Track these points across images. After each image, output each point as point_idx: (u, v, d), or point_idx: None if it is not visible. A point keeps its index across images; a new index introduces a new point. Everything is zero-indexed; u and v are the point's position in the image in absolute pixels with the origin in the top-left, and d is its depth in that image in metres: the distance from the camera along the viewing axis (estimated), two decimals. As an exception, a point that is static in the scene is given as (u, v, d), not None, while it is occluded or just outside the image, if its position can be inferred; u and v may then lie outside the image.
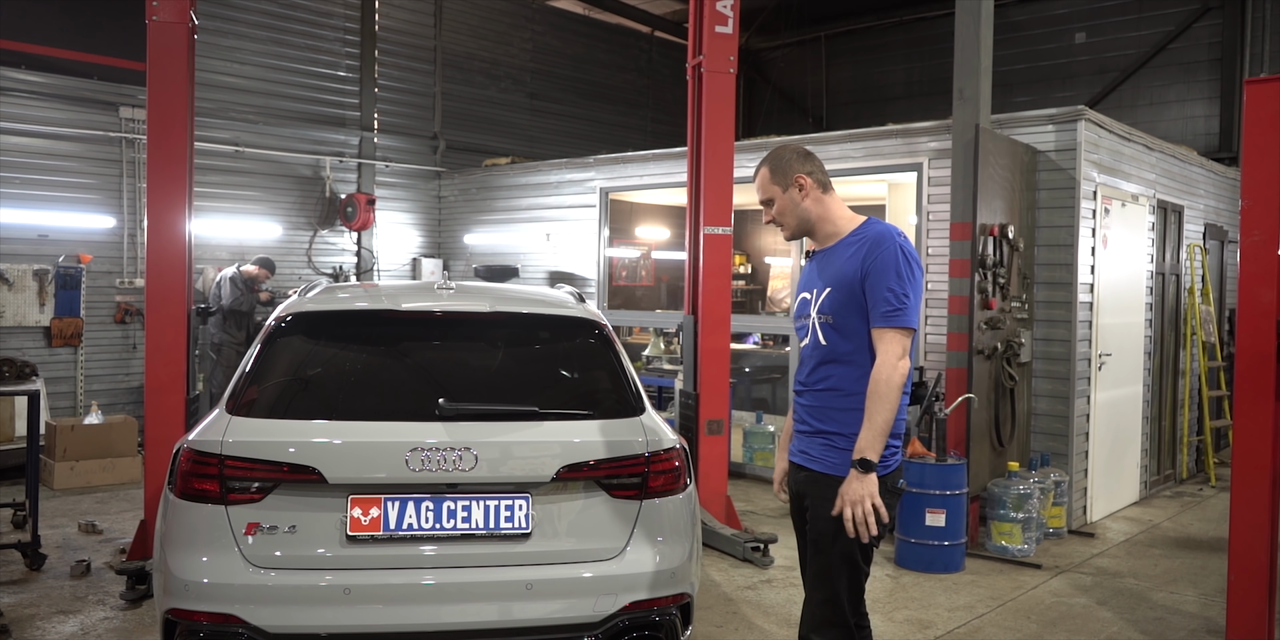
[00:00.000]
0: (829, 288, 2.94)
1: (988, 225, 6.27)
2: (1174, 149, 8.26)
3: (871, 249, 2.88)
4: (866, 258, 2.87)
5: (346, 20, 11.27)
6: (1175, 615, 5.07)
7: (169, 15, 5.30)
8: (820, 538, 2.92)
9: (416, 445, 3.16)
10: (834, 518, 2.81)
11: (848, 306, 2.90)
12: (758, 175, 3.11)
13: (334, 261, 11.19)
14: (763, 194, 3.10)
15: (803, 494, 3.05)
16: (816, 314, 2.97)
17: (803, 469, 3.04)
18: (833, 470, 2.91)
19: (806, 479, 3.02)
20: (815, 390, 3.00)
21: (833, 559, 2.89)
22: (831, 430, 2.94)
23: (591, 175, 10.09)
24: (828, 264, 3.00)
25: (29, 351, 8.54)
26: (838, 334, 2.93)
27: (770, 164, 3.07)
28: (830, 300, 2.93)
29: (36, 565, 5.43)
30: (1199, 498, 7.93)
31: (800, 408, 3.09)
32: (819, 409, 2.99)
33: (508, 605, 3.18)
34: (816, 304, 2.98)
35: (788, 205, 3.05)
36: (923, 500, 5.76)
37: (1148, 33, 12.28)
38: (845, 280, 2.90)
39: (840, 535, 2.82)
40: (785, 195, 3.05)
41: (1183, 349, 8.47)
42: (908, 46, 14.67)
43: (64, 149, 8.86)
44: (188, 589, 3.07)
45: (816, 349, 2.99)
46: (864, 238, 2.94)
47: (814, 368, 3.01)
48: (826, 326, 2.95)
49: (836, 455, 2.92)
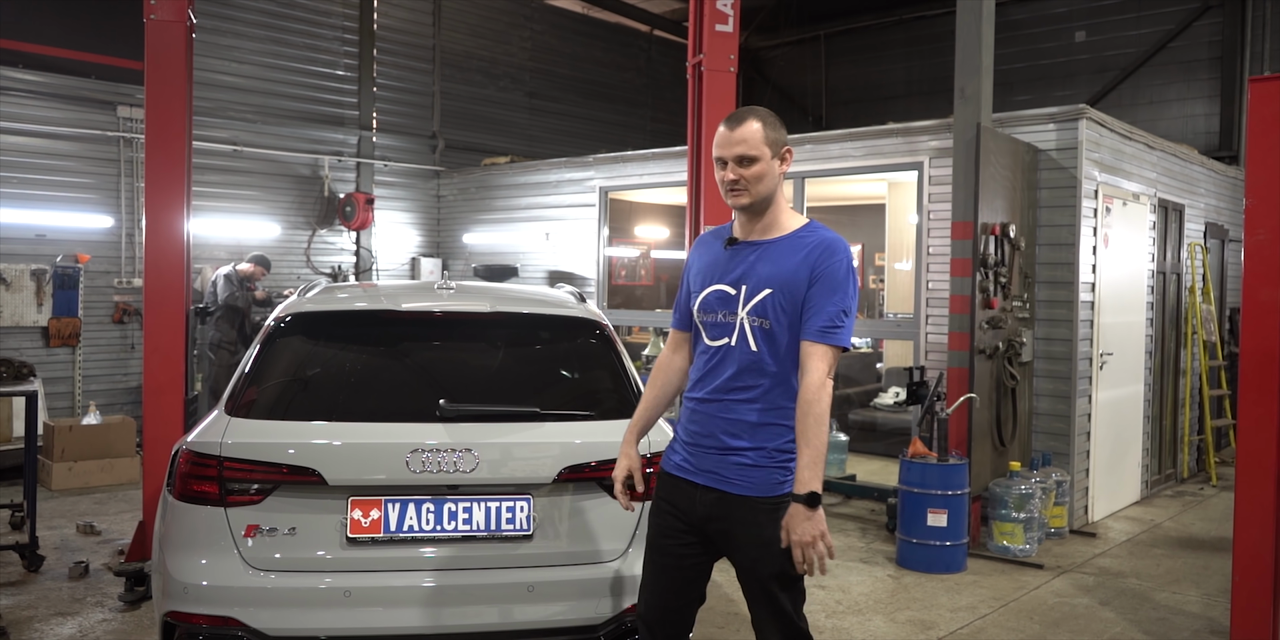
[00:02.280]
0: (768, 289, 2.64)
1: (989, 224, 6.25)
2: (1175, 148, 8.24)
3: (824, 256, 2.61)
4: (818, 264, 2.60)
5: (345, 19, 11.24)
6: (1178, 615, 5.05)
7: (167, 14, 5.26)
8: (756, 565, 2.63)
9: (417, 446, 3.13)
10: (771, 546, 2.54)
11: (788, 313, 2.62)
12: (743, 127, 2.65)
13: (333, 261, 11.16)
14: (749, 150, 2.63)
15: (711, 518, 2.69)
16: (748, 315, 2.66)
17: (711, 490, 2.69)
18: (753, 492, 2.63)
19: (718, 502, 2.67)
20: (731, 400, 2.67)
21: (766, 585, 2.64)
22: (747, 447, 2.65)
23: (591, 174, 10.07)
24: (765, 260, 2.68)
25: (26, 352, 8.51)
26: (769, 341, 2.63)
27: (764, 120, 2.67)
28: (771, 303, 2.63)
29: (34, 567, 5.40)
30: (1200, 497, 7.92)
31: (703, 418, 2.72)
32: (733, 422, 2.66)
33: (509, 607, 3.17)
34: (749, 304, 2.66)
35: (766, 173, 2.65)
36: (924, 500, 5.74)
37: (1148, 31, 12.27)
38: (790, 284, 2.62)
39: (775, 559, 2.56)
40: (770, 162, 2.66)
41: (1184, 348, 8.45)
42: (907, 45, 14.64)
43: (62, 148, 8.83)
44: (186, 591, 3.05)
45: (742, 354, 2.66)
46: (813, 241, 2.66)
47: (733, 374, 2.67)
48: (760, 331, 2.64)
49: (756, 474, 2.63)
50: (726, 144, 2.68)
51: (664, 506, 2.82)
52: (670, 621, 2.83)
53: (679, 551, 2.78)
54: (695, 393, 2.77)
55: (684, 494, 2.76)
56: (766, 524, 2.59)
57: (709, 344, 2.75)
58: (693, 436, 2.75)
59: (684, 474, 2.77)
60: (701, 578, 2.83)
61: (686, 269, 2.93)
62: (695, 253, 2.91)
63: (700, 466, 2.72)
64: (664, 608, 2.83)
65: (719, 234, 2.87)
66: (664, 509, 2.82)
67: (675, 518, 2.78)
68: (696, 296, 2.79)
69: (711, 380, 2.72)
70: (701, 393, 2.74)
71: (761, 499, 2.63)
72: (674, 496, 2.79)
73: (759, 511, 2.63)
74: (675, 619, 2.84)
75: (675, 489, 2.79)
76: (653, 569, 2.84)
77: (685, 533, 2.76)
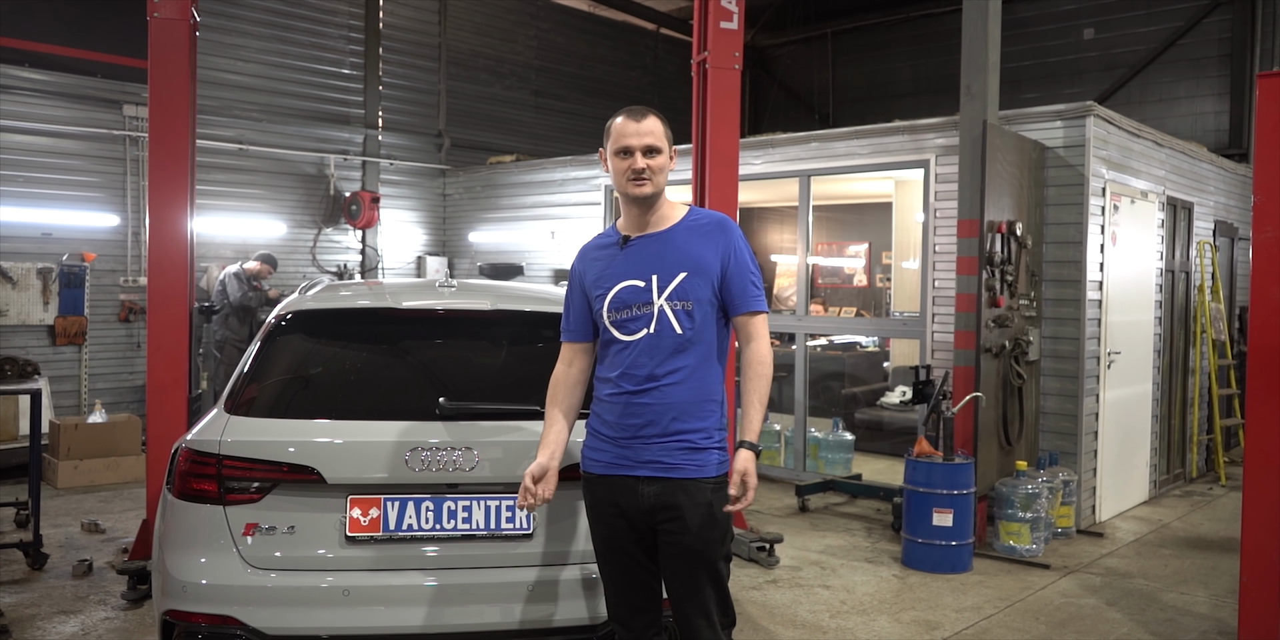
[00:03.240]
0: (683, 272, 2.77)
1: (995, 222, 6.21)
2: (1184, 145, 8.19)
3: (724, 235, 2.82)
4: (723, 243, 2.80)
5: (351, 17, 11.24)
6: (1186, 616, 5.01)
7: (170, 12, 5.25)
8: (708, 546, 2.73)
9: (416, 445, 3.12)
10: (716, 523, 2.72)
11: (704, 292, 2.77)
12: (647, 120, 2.79)
13: (338, 260, 11.16)
14: (656, 141, 2.78)
15: (657, 507, 2.75)
16: (668, 301, 2.76)
17: (654, 480, 2.74)
18: (700, 473, 2.74)
19: (664, 491, 2.73)
20: (667, 386, 2.75)
21: (714, 566, 2.76)
22: (690, 428, 2.75)
23: (596, 172, 10.05)
24: (667, 249, 2.81)
25: (33, 350, 8.53)
26: (692, 321, 2.77)
27: (661, 118, 2.84)
28: (689, 285, 2.76)
29: (38, 565, 5.41)
30: (1209, 497, 7.87)
31: (638, 408, 2.76)
32: (672, 406, 2.74)
33: (509, 607, 3.14)
34: (666, 291, 2.76)
35: (665, 165, 2.82)
36: (930, 500, 5.71)
37: (1157, 28, 12.19)
38: (702, 266, 2.78)
39: (725, 538, 2.76)
40: (665, 155, 2.82)
41: (1193, 347, 8.40)
42: (915, 43, 14.59)
43: (68, 147, 8.84)
44: (185, 590, 3.04)
45: (669, 338, 2.76)
46: (706, 223, 2.85)
47: (663, 360, 2.76)
48: (683, 314, 2.76)
49: (700, 456, 2.75)
50: (635, 134, 2.78)
51: (606, 509, 2.85)
52: (645, 609, 2.89)
53: (632, 549, 2.85)
54: (623, 386, 2.80)
55: (624, 491, 2.80)
56: (716, 503, 2.74)
57: (626, 340, 2.81)
58: (629, 430, 2.78)
59: (620, 470, 2.80)
60: (657, 566, 2.88)
61: (574, 282, 3.00)
62: (582, 265, 2.98)
63: (638, 459, 2.77)
64: (633, 603, 2.89)
65: (603, 241, 2.96)
66: (607, 512, 2.84)
67: (620, 517, 2.82)
68: (604, 298, 2.85)
69: (638, 370, 2.78)
70: (630, 385, 2.79)
71: (708, 480, 2.75)
72: (613, 495, 2.82)
73: (707, 491, 2.75)
74: (648, 606, 2.90)
75: (612, 488, 2.82)
76: (612, 571, 2.90)
77: (630, 530, 2.82)
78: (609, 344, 2.87)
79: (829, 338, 10.29)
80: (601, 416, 2.87)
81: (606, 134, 2.85)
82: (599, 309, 2.86)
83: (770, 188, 9.50)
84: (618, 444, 2.81)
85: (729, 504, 2.67)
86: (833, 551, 6.07)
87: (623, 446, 2.80)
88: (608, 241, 2.94)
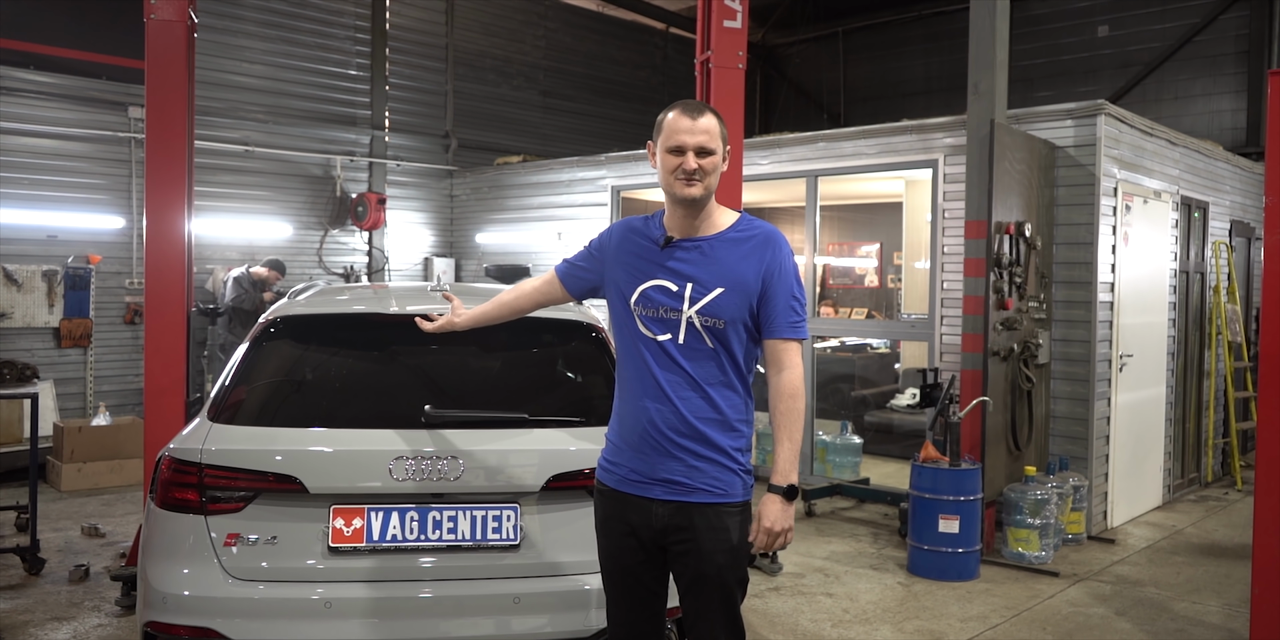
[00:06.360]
0: (721, 288, 2.58)
1: (1004, 223, 6.10)
2: (1198, 144, 8.05)
3: (772, 251, 2.62)
4: (768, 261, 2.60)
5: (357, 18, 11.20)
6: (1197, 627, 4.90)
7: (167, 13, 5.22)
8: (723, 572, 2.58)
9: (401, 454, 3.05)
10: (738, 551, 2.58)
11: (739, 311, 2.59)
12: (705, 117, 2.60)
13: (345, 261, 11.13)
14: (710, 141, 2.59)
15: (671, 528, 2.61)
16: (697, 314, 2.58)
17: (669, 502, 2.60)
18: (717, 498, 2.58)
19: (677, 512, 2.59)
20: (687, 397, 2.60)
21: (728, 591, 2.61)
22: (705, 448, 2.60)
23: (603, 173, 9.99)
24: (709, 259, 2.62)
25: (38, 352, 8.53)
26: (720, 341, 2.60)
27: (719, 117, 2.65)
28: (724, 303, 2.58)
29: (35, 570, 5.38)
30: (1224, 502, 7.73)
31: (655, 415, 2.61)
32: (689, 420, 2.59)
33: (495, 619, 3.08)
34: (699, 302, 2.58)
35: (718, 167, 2.62)
36: (936, 506, 5.61)
37: (1172, 25, 12.02)
38: (742, 283, 2.59)
39: (740, 563, 2.60)
40: (719, 155, 2.62)
41: (1208, 349, 8.26)
42: (926, 41, 14.46)
43: (72, 149, 8.83)
44: (166, 601, 2.99)
45: (694, 352, 2.60)
46: (754, 235, 2.64)
47: (686, 372, 2.61)
48: (713, 331, 2.59)
49: (718, 480, 2.59)
50: (690, 131, 2.59)
51: (616, 526, 2.70)
52: (645, 635, 2.77)
53: (638, 570, 2.70)
54: (643, 392, 2.64)
55: (637, 509, 2.65)
56: (734, 529, 2.60)
57: (647, 335, 2.64)
58: (642, 439, 2.63)
59: (634, 488, 2.66)
60: (664, 589, 2.76)
61: (604, 248, 2.83)
62: (620, 235, 2.80)
63: (653, 476, 2.62)
64: (634, 624, 2.75)
65: (648, 231, 2.74)
66: (617, 529, 2.70)
67: (630, 536, 2.67)
68: (633, 290, 2.68)
69: (660, 377, 2.61)
70: (650, 392, 2.62)
71: (726, 505, 2.60)
72: (625, 513, 2.68)
73: (725, 517, 2.60)
74: (648, 629, 2.77)
75: (626, 505, 2.67)
76: (616, 591, 2.75)
77: (640, 549, 2.67)
78: (634, 339, 2.68)
79: (840, 339, 10.19)
80: (620, 421, 2.73)
81: (658, 128, 2.66)
82: (627, 296, 2.69)
83: (778, 188, 9.42)
84: (634, 450, 2.65)
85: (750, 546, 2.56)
86: (837, 558, 5.98)
87: (638, 453, 2.64)
88: (652, 235, 2.73)
